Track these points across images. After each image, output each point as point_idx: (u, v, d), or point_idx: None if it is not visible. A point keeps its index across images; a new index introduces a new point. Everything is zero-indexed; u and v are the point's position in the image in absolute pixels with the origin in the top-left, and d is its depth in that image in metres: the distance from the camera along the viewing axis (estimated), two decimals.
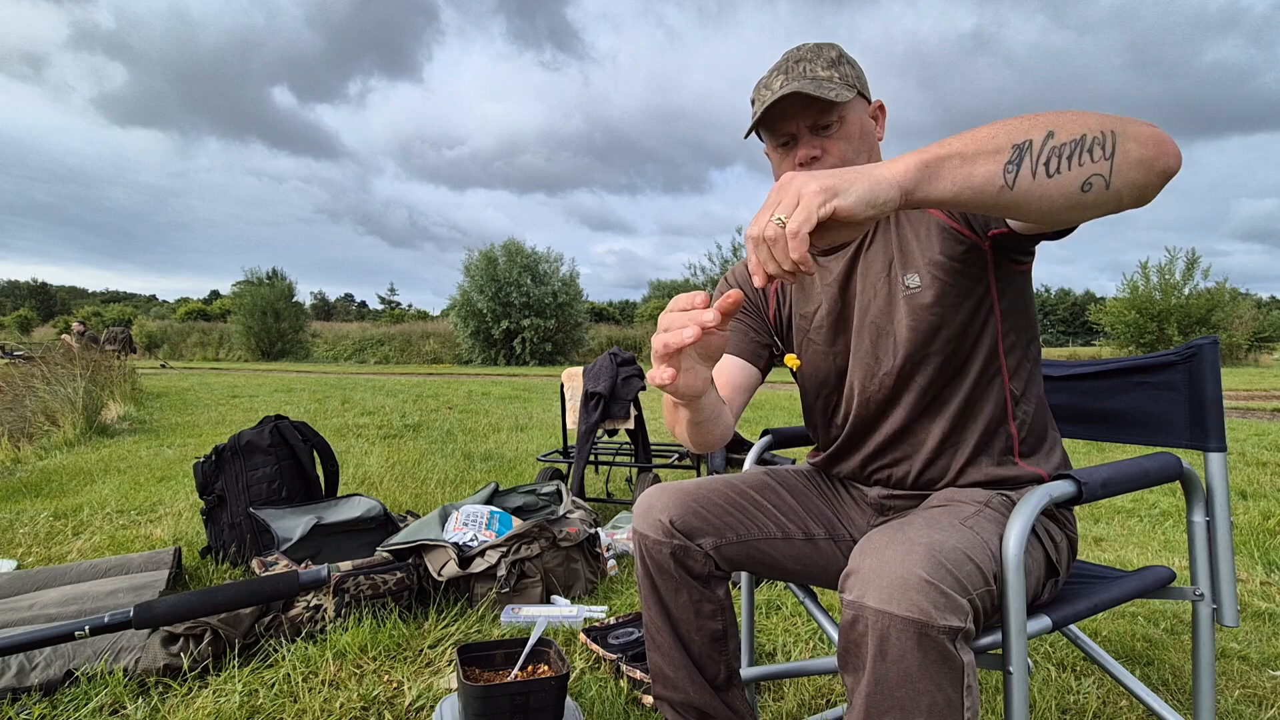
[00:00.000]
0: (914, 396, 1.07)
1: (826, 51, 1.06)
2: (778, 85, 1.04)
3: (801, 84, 1.01)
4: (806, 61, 1.05)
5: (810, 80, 1.02)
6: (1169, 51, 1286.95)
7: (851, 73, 1.06)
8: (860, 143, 1.06)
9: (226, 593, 1.63)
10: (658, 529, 1.08)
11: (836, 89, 1.01)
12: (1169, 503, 3.23)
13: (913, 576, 0.76)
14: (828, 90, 1.00)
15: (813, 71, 1.03)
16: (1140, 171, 0.74)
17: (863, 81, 1.07)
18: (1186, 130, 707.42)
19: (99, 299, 77.46)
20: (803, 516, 1.16)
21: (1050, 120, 0.74)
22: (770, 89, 1.06)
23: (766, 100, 1.03)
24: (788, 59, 1.06)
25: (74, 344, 10.82)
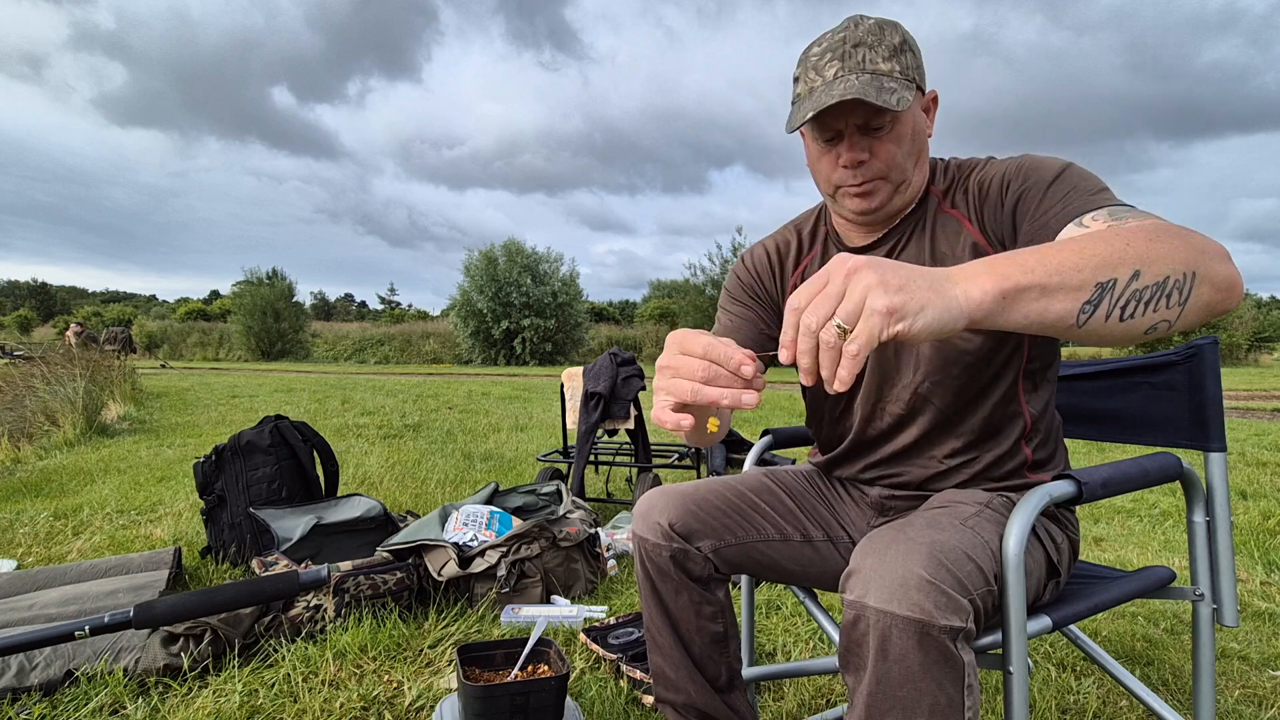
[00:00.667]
0: (929, 416, 1.05)
1: (889, 36, 0.94)
2: (831, 74, 0.93)
3: (861, 84, 0.90)
4: (867, 48, 0.93)
5: (870, 77, 0.91)
6: (1167, 52, 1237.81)
7: (913, 62, 0.95)
8: (911, 144, 0.97)
9: (226, 593, 1.63)
10: (657, 532, 1.08)
11: (898, 91, 0.91)
12: (1169, 503, 3.23)
13: (914, 576, 0.76)
14: (888, 94, 0.90)
15: (873, 63, 0.92)
16: (1203, 315, 0.73)
17: (921, 72, 0.97)
18: (1185, 130, 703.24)
19: (99, 299, 77.45)
20: (801, 519, 1.16)
21: (1140, 251, 0.69)
22: (822, 76, 0.94)
23: (819, 97, 0.92)
24: (845, 39, 0.94)
25: (72, 342, 10.82)
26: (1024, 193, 0.92)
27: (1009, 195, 0.95)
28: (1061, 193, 0.88)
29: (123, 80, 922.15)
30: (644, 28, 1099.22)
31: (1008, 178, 0.96)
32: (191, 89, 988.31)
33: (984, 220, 0.98)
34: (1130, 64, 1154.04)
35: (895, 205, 1.01)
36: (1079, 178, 0.89)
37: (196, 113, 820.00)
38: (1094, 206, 0.84)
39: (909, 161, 0.98)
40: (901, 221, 1.04)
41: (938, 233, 1.02)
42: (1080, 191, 0.87)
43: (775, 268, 1.16)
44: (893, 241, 1.04)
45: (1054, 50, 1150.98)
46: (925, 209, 1.03)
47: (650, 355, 24.83)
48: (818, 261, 1.13)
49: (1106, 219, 0.81)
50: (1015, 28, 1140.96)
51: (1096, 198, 0.85)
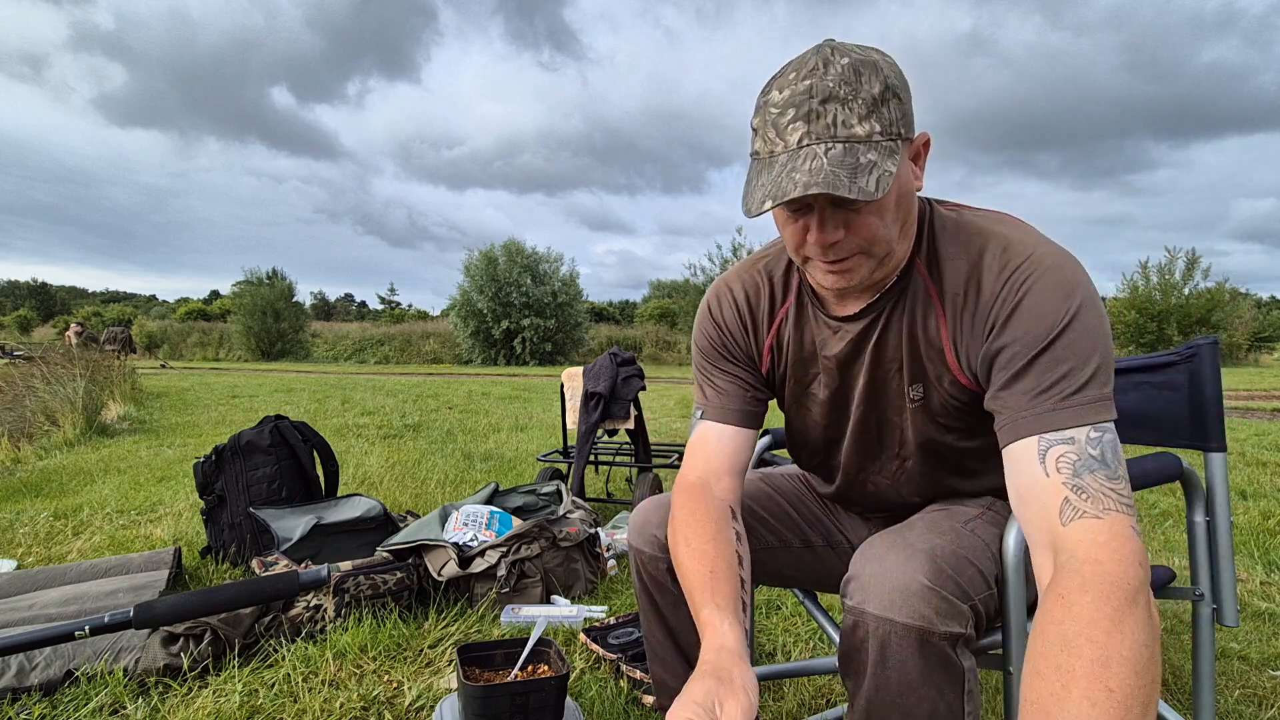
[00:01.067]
0: (916, 485, 1.02)
1: (868, 83, 0.75)
2: (795, 139, 0.76)
3: (832, 162, 0.73)
4: (839, 104, 0.74)
5: (843, 149, 0.74)
6: (1166, 52, 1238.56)
7: (898, 113, 0.76)
8: (896, 212, 0.81)
9: (226, 593, 1.63)
10: (654, 545, 1.06)
11: (878, 166, 0.73)
12: (1169, 503, 3.23)
13: (914, 583, 0.76)
14: (865, 177, 0.73)
15: (847, 125, 0.74)
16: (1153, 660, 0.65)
17: (909, 119, 0.79)
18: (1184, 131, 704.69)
19: (99, 299, 77.45)
20: (800, 524, 1.15)
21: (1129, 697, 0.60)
22: (784, 141, 0.76)
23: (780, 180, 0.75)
24: (812, 91, 0.75)
25: (73, 342, 10.83)
26: (1006, 346, 0.80)
27: (992, 334, 0.82)
28: (1043, 372, 0.77)
29: (122, 80, 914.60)
30: (643, 28, 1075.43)
31: (998, 309, 0.81)
32: (191, 89, 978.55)
33: (961, 336, 0.87)
34: (1129, 64, 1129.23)
35: (875, 278, 0.86)
36: (1073, 349, 0.76)
37: (196, 113, 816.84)
38: (1065, 426, 0.74)
39: (894, 231, 0.82)
40: (883, 296, 0.90)
41: (917, 322, 0.90)
42: (1064, 382, 0.76)
43: (747, 323, 1.03)
44: (874, 315, 0.91)
45: (1053, 50, 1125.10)
46: (910, 285, 0.89)
47: (650, 355, 24.84)
48: (792, 315, 1.00)
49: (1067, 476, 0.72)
50: (1014, 28, 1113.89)
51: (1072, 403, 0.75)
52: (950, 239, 0.87)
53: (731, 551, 0.90)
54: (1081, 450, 0.73)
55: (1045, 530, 0.73)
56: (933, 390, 0.92)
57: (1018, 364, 0.78)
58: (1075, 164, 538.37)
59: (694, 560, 0.88)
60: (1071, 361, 0.76)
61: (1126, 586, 0.65)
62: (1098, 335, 0.77)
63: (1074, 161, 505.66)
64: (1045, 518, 0.73)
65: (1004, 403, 0.80)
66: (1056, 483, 0.73)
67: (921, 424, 0.95)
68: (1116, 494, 0.72)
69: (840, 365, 0.97)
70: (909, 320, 0.90)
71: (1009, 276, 0.81)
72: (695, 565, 0.87)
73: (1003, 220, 0.87)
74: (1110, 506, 0.71)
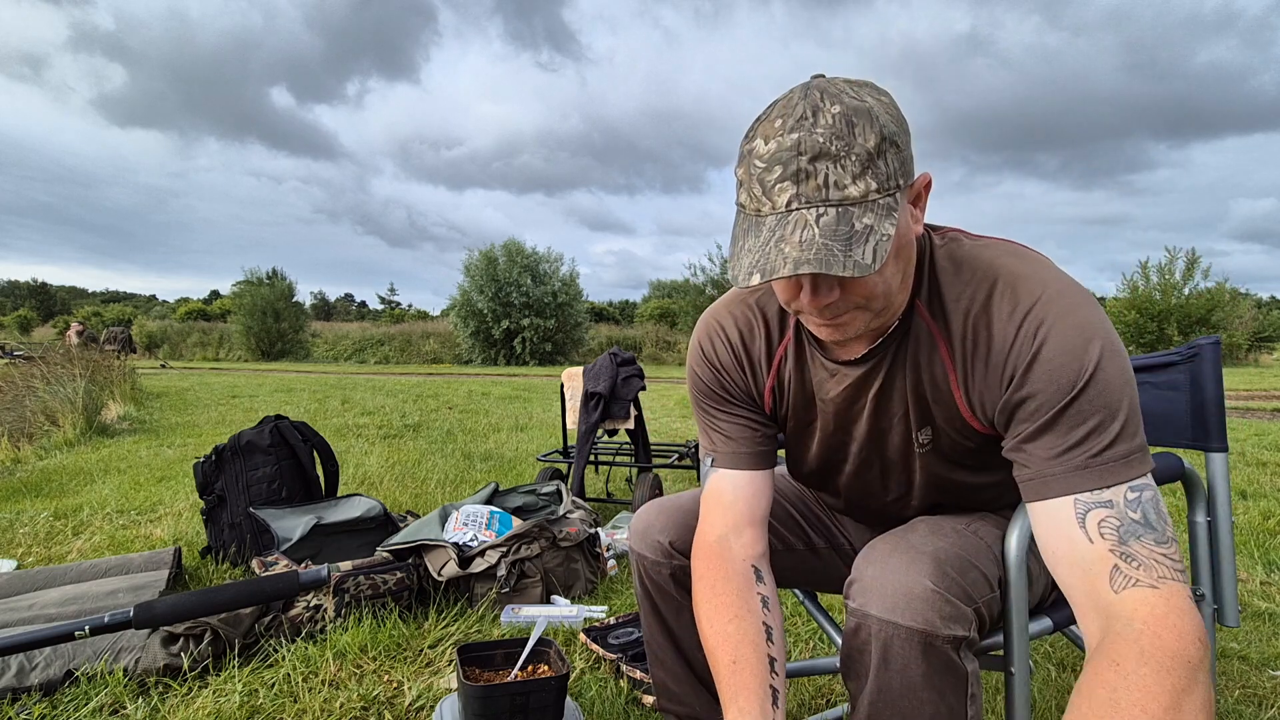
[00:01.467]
0: (926, 512, 1.00)
1: (862, 136, 0.68)
2: (784, 201, 0.69)
3: (825, 232, 0.67)
4: (830, 161, 0.68)
5: (836, 214, 0.68)
6: (1164, 52, 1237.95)
7: (896, 163, 0.70)
8: (895, 266, 0.75)
9: (226, 593, 1.63)
10: (656, 550, 1.06)
11: (875, 233, 0.67)
12: (1169, 503, 3.22)
13: (918, 586, 0.75)
14: (861, 248, 0.67)
15: (840, 185, 0.68)
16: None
17: (908, 165, 0.72)
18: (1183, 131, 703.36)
19: (99, 299, 77.45)
20: (803, 526, 1.15)
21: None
22: (771, 201, 0.70)
23: (767, 251, 0.69)
24: (800, 149, 0.68)
25: (74, 342, 10.83)
26: (1031, 396, 0.75)
27: (1012, 385, 0.77)
28: (1071, 427, 0.73)
29: (122, 81, 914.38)
30: (641, 29, 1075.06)
31: (1014, 359, 0.76)
32: (191, 89, 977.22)
33: (974, 381, 0.82)
34: (1127, 64, 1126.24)
35: (874, 327, 0.81)
36: (1096, 406, 0.72)
37: (196, 113, 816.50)
38: (1102, 485, 0.71)
39: (893, 284, 0.77)
40: (884, 341, 0.85)
41: (922, 367, 0.85)
42: (1092, 438, 0.72)
43: (744, 364, 0.97)
44: (874, 361, 0.87)
45: (1051, 51, 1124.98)
46: (913, 329, 0.85)
47: (650, 355, 24.83)
48: (791, 353, 0.94)
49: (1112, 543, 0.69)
50: (1011, 29, 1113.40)
51: (1105, 459, 0.71)
52: (953, 277, 0.82)
53: (757, 628, 0.86)
54: (1122, 514, 0.70)
55: (1091, 595, 0.69)
56: (942, 434, 0.88)
57: (1042, 417, 0.74)
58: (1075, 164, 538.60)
59: (719, 646, 0.85)
60: (1100, 415, 0.72)
61: (1188, 664, 0.62)
62: (1123, 383, 0.72)
63: (1073, 161, 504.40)
64: (1092, 584, 0.69)
65: (1029, 455, 0.76)
66: (1103, 550, 0.69)
67: (932, 466, 0.92)
68: (1169, 560, 0.68)
69: (838, 410, 0.93)
70: (912, 365, 0.85)
71: (1022, 320, 0.76)
72: (720, 653, 0.84)
73: (1008, 251, 0.82)
74: (1165, 575, 0.67)
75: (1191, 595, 0.68)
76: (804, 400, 0.96)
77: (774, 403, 0.98)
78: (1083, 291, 0.76)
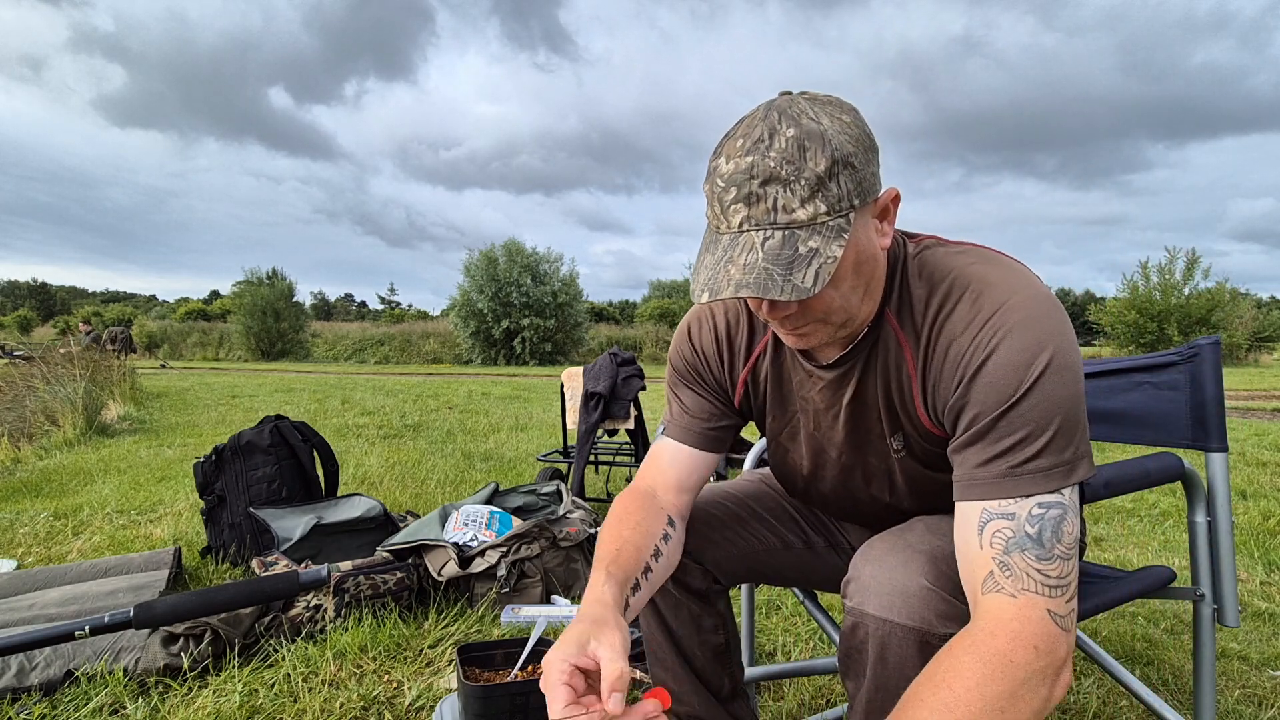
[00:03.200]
0: (915, 513, 1.00)
1: (813, 160, 0.70)
2: (736, 222, 0.72)
3: (769, 255, 0.70)
4: (780, 185, 0.70)
5: (783, 236, 0.70)
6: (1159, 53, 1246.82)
7: (849, 184, 0.71)
8: (853, 282, 0.77)
9: (226, 593, 1.63)
10: None
11: (820, 255, 0.70)
12: (1169, 503, 3.23)
13: (914, 584, 0.76)
14: (801, 272, 0.69)
15: (788, 209, 0.70)
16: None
17: (865, 186, 0.73)
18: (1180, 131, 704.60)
19: (99, 299, 77.48)
20: (801, 524, 1.15)
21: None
22: (727, 221, 0.73)
23: (715, 272, 0.72)
24: (753, 172, 0.71)
25: (82, 339, 10.84)
26: (966, 406, 0.78)
27: (958, 391, 0.79)
28: (996, 447, 0.75)
29: (121, 82, 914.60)
30: (638, 29, 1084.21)
31: (965, 366, 0.78)
32: (190, 90, 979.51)
33: (929, 386, 0.84)
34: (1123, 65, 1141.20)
35: (840, 336, 0.84)
36: (1024, 420, 0.73)
37: (195, 113, 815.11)
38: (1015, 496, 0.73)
39: (852, 299, 0.79)
40: (856, 346, 0.87)
41: (890, 372, 0.87)
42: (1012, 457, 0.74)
43: (724, 354, 1.00)
44: (848, 366, 0.89)
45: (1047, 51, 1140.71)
46: (882, 335, 0.87)
47: (650, 355, 24.83)
48: (769, 356, 0.97)
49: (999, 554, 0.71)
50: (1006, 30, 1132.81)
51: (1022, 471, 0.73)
52: (923, 285, 0.83)
53: (649, 543, 0.90)
54: (1019, 527, 0.72)
55: (971, 594, 0.74)
56: (912, 440, 0.90)
57: (976, 425, 0.76)
58: (1072, 164, 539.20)
59: (609, 541, 0.90)
60: (1029, 428, 0.73)
61: (1009, 664, 0.65)
62: (1063, 397, 0.73)
63: (1071, 162, 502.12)
64: (972, 585, 0.73)
65: (961, 459, 0.78)
66: (987, 556, 0.72)
67: (910, 471, 0.94)
68: (1041, 575, 0.70)
69: (818, 412, 0.95)
70: (882, 372, 0.87)
71: (979, 330, 0.77)
72: (607, 546, 0.89)
73: (980, 258, 0.82)
74: (1028, 588, 0.69)
75: (1055, 609, 0.69)
76: (782, 398, 0.99)
77: (745, 396, 1.01)
78: (1048, 301, 0.76)
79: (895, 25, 74.66)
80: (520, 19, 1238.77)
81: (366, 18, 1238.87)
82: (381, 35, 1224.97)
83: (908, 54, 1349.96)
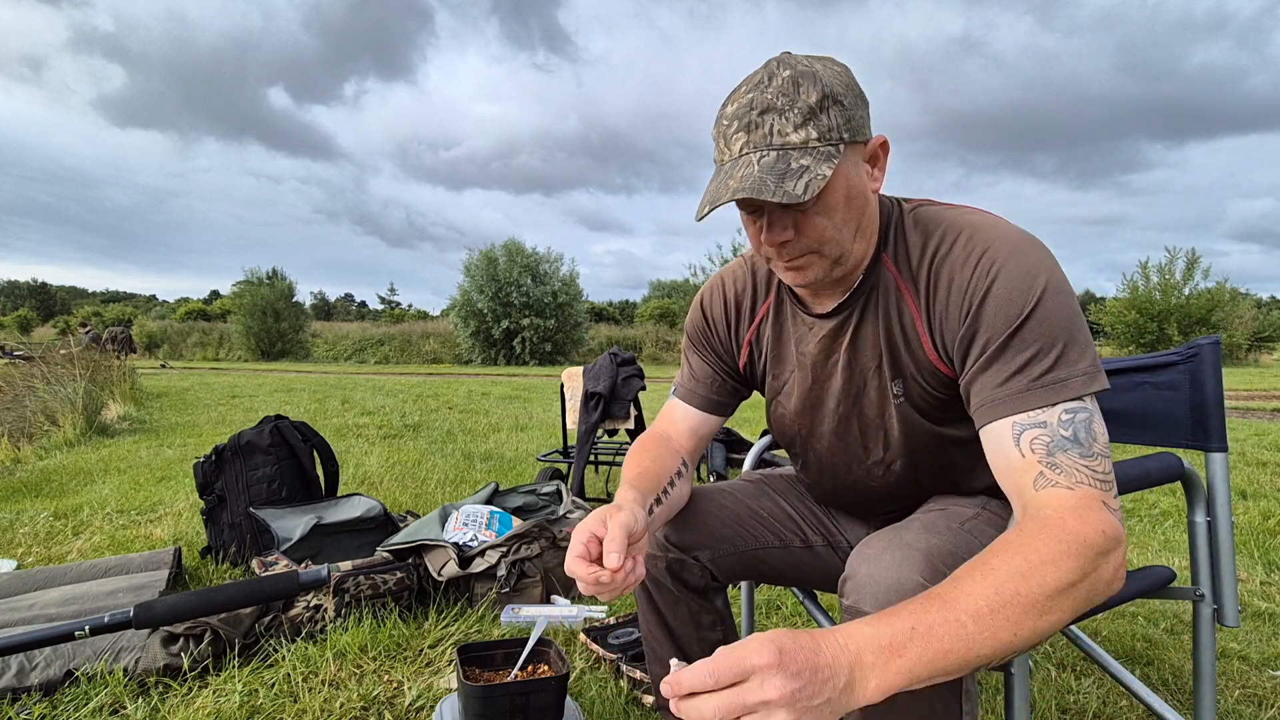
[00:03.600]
0: (908, 486, 1.02)
1: (805, 93, 0.79)
2: (737, 148, 0.82)
3: (763, 169, 0.78)
4: (776, 114, 0.79)
5: (776, 155, 0.79)
6: (1157, 54, 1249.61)
7: (838, 119, 0.80)
8: (845, 213, 0.84)
9: (226, 593, 1.63)
10: (652, 543, 1.07)
11: (810, 170, 0.78)
12: (1169, 502, 3.23)
13: (910, 582, 0.76)
14: (793, 182, 0.77)
15: (782, 134, 0.79)
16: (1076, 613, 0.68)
17: (855, 124, 0.82)
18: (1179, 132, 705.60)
19: (99, 299, 77.48)
20: (800, 524, 1.15)
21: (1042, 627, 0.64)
22: (730, 150, 0.83)
23: (717, 185, 0.82)
24: (752, 105, 0.81)
25: (82, 339, 10.83)
26: (981, 331, 0.82)
27: (966, 321, 0.83)
28: (1014, 356, 0.79)
29: (121, 82, 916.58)
30: (637, 30, 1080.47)
31: (969, 297, 0.83)
32: (190, 90, 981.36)
33: (935, 324, 0.88)
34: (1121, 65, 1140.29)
35: (836, 275, 0.90)
36: (1036, 336, 0.78)
37: (195, 114, 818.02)
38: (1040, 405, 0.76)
39: (845, 232, 0.85)
40: (854, 292, 0.93)
41: (892, 316, 0.92)
42: (1032, 364, 0.78)
43: (731, 318, 1.08)
44: (846, 313, 0.94)
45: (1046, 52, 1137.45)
46: (880, 281, 0.92)
47: (650, 355, 24.83)
48: (771, 316, 1.04)
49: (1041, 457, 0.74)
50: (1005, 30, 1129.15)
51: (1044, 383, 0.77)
52: (918, 233, 0.90)
53: (666, 474, 1.01)
54: (1054, 432, 0.75)
55: (1019, 498, 0.76)
56: (912, 384, 0.93)
57: (989, 349, 0.81)
58: (1071, 164, 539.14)
59: (630, 468, 1.00)
60: (1040, 343, 0.78)
61: (1081, 541, 0.67)
62: (1066, 315, 0.79)
63: (1070, 162, 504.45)
64: (1020, 489, 0.76)
65: (979, 386, 0.82)
66: (1032, 462, 0.75)
67: (907, 420, 0.95)
68: (1090, 470, 0.73)
69: (814, 363, 0.99)
70: (882, 314, 0.92)
71: (977, 262, 0.83)
72: (629, 471, 0.99)
73: (968, 210, 0.90)
74: (1082, 481, 0.73)
75: (1109, 502, 0.73)
76: (781, 356, 1.05)
77: (750, 356, 1.09)
78: (1036, 241, 0.84)
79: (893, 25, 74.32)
80: (519, 19, 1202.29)
81: (366, 18, 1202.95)
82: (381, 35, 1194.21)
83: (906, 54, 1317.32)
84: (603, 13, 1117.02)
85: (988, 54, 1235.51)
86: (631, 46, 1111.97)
